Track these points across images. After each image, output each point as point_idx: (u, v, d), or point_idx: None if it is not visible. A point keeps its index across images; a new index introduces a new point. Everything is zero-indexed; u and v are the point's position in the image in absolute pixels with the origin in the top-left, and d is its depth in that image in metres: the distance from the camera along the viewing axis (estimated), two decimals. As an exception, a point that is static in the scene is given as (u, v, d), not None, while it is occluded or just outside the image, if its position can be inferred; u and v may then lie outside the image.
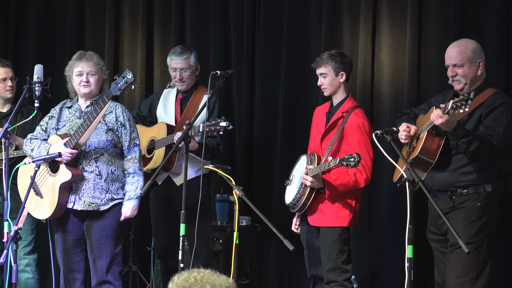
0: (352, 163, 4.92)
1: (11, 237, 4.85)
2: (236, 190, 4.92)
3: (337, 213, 5.30)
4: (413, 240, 4.46)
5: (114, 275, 5.35)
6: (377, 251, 6.22)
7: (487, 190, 4.85)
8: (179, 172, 5.94)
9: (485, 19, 5.85)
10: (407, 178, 4.52)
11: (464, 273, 4.81)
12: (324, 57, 5.41)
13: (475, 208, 4.84)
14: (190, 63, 5.99)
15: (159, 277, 6.48)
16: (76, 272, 5.42)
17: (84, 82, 5.35)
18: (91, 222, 5.34)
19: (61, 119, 5.44)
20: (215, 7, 6.88)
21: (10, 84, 6.27)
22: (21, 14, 7.62)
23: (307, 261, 5.50)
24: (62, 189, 5.26)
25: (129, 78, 5.10)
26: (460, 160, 4.87)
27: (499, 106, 4.83)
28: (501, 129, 4.78)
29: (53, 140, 5.33)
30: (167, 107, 6.10)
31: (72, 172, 5.24)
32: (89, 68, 5.35)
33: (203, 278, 2.69)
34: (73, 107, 5.45)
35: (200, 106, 5.91)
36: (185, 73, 5.99)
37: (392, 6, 6.13)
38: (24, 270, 6.28)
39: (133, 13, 7.27)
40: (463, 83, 4.91)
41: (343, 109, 5.39)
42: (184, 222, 5.05)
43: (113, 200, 5.34)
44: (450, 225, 4.44)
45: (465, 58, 4.90)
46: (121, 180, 5.37)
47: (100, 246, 5.33)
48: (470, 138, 4.71)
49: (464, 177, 4.87)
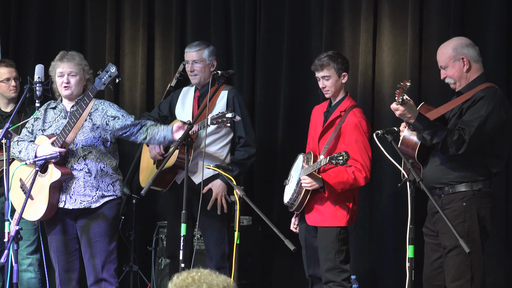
0: (341, 161, 4.93)
1: (12, 237, 4.86)
2: (237, 190, 4.92)
3: (335, 213, 5.31)
4: (414, 240, 4.45)
5: (110, 273, 5.35)
6: (378, 251, 6.22)
7: (474, 189, 4.77)
8: (195, 171, 5.80)
9: (486, 18, 5.86)
10: (408, 178, 4.52)
11: (458, 276, 4.75)
12: (325, 60, 5.39)
13: (461, 208, 4.77)
14: (202, 56, 5.91)
15: (160, 277, 6.48)
16: (71, 271, 5.42)
17: (65, 83, 5.31)
18: (84, 221, 5.33)
19: (46, 120, 5.41)
20: (216, 7, 6.89)
21: (13, 84, 6.28)
22: (22, 14, 7.63)
23: (306, 261, 5.51)
24: (52, 188, 5.24)
25: (113, 72, 5.05)
26: (445, 156, 4.79)
27: (479, 100, 4.75)
28: (476, 122, 4.68)
29: (41, 141, 5.31)
30: (185, 105, 6.02)
31: (61, 171, 5.21)
32: (69, 69, 5.31)
33: (200, 278, 2.69)
34: (58, 108, 5.42)
35: (217, 103, 5.85)
36: (197, 66, 5.89)
37: (393, 5, 6.13)
38: (26, 270, 6.29)
39: (134, 13, 7.28)
40: (452, 83, 4.91)
41: (341, 108, 5.40)
42: (185, 222, 5.05)
43: (104, 197, 5.32)
44: (450, 225, 4.41)
45: (446, 58, 4.88)
46: (111, 176, 5.36)
47: (94, 244, 5.32)
48: (434, 129, 4.67)
49: (449, 173, 4.80)
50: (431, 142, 4.71)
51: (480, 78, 4.88)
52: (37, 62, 5.73)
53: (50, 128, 5.37)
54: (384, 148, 4.70)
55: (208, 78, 5.90)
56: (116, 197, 5.38)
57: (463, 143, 4.67)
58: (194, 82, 5.96)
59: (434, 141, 4.69)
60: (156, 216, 6.90)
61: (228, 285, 2.69)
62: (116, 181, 5.39)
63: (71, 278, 5.42)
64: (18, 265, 5.00)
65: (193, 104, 5.97)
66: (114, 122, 5.32)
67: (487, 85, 4.84)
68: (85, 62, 5.41)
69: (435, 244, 4.92)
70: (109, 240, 5.34)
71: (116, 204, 5.39)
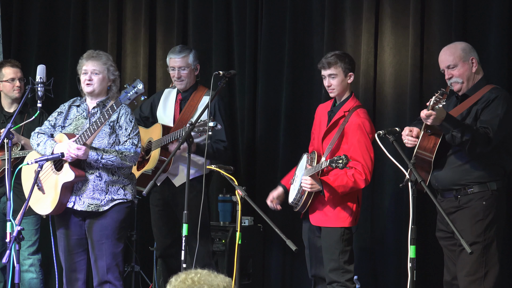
0: (340, 164, 4.93)
1: (14, 237, 4.86)
2: (238, 190, 4.92)
3: (339, 213, 5.30)
4: (416, 240, 4.46)
5: (115, 275, 5.35)
6: (380, 251, 6.22)
7: (492, 189, 4.87)
8: (176, 173, 5.97)
9: (487, 19, 5.85)
10: (410, 179, 4.53)
11: (473, 271, 4.85)
12: (332, 58, 5.39)
13: (481, 207, 4.85)
14: (188, 62, 6.00)
15: (161, 277, 6.48)
16: (78, 272, 5.42)
17: (87, 80, 5.37)
18: (92, 222, 5.34)
19: (68, 117, 5.45)
20: (218, 8, 6.88)
21: (18, 84, 6.30)
22: (23, 14, 7.63)
23: (309, 261, 5.50)
24: (64, 188, 5.26)
25: (140, 89, 5.05)
26: (462, 158, 4.88)
27: (493, 100, 4.84)
28: (496, 121, 4.78)
29: (59, 139, 5.34)
30: (167, 108, 6.11)
31: (75, 173, 5.24)
32: (93, 67, 5.37)
33: (200, 279, 2.68)
34: (81, 106, 5.46)
35: (198, 107, 5.94)
36: (183, 72, 6.00)
37: (394, 6, 6.13)
38: (28, 270, 6.29)
39: (135, 14, 7.28)
40: (460, 83, 4.94)
41: (345, 109, 5.39)
42: (187, 223, 5.05)
43: (113, 201, 5.33)
44: (453, 226, 4.45)
45: (457, 57, 4.95)
46: (122, 180, 5.36)
47: (101, 246, 5.33)
48: (463, 127, 4.72)
49: (467, 175, 4.88)
50: (461, 140, 4.74)
51: (483, 80, 4.98)
52: (38, 62, 5.72)
53: (70, 126, 5.41)
54: (386, 148, 4.70)
55: (192, 82, 6.06)
56: (126, 200, 5.37)
57: (489, 141, 4.76)
58: (180, 88, 6.08)
59: (464, 139, 4.72)
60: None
61: (227, 285, 2.68)
62: (128, 185, 5.38)
63: (77, 278, 5.42)
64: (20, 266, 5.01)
65: (175, 107, 6.07)
66: (118, 130, 5.34)
67: (491, 86, 4.94)
68: (111, 62, 5.44)
69: (452, 245, 4.97)
70: (116, 243, 5.34)
71: (125, 207, 5.37)
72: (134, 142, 5.35)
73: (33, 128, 6.07)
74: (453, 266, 5.00)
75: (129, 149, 5.30)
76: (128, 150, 5.30)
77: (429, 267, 5.82)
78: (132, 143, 5.33)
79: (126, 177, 5.38)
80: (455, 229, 4.42)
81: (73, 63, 7.32)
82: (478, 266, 4.84)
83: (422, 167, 4.89)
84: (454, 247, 4.95)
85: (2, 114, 6.34)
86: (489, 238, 4.85)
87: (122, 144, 5.32)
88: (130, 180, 5.42)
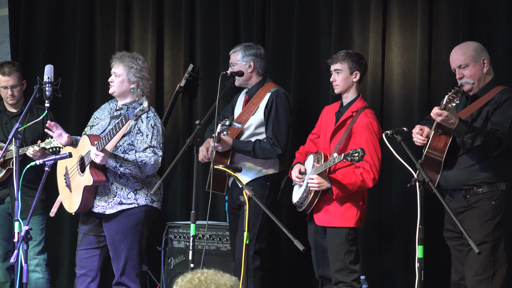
0: (356, 157, 4.92)
1: (21, 237, 4.86)
2: (246, 190, 4.91)
3: (344, 213, 5.30)
4: (424, 241, 4.46)
5: (131, 277, 5.37)
6: (388, 251, 6.21)
7: (501, 189, 4.87)
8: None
9: (495, 19, 5.83)
10: (418, 178, 4.52)
11: (481, 271, 4.85)
12: (341, 54, 5.46)
13: (490, 206, 4.86)
14: (237, 58, 5.94)
15: (169, 277, 6.48)
16: (88, 269, 5.43)
17: (110, 82, 5.45)
18: (106, 224, 5.38)
19: (100, 116, 5.56)
20: (225, 8, 6.88)
21: (10, 93, 6.27)
22: (31, 15, 7.64)
23: (315, 262, 5.50)
24: (86, 191, 5.30)
25: (144, 106, 4.92)
26: (472, 158, 4.88)
27: (505, 102, 4.85)
28: (508, 123, 4.79)
29: (82, 141, 5.38)
30: (236, 109, 6.07)
31: (94, 177, 5.23)
32: (114, 69, 5.43)
33: (207, 278, 2.68)
34: (111, 104, 5.57)
35: (260, 106, 5.85)
36: (234, 67, 5.93)
37: (402, 6, 6.12)
38: (34, 270, 6.29)
39: (143, 14, 7.28)
40: (471, 83, 4.93)
41: (353, 109, 5.40)
42: (194, 222, 5.04)
43: (121, 204, 5.32)
44: (461, 226, 4.45)
45: (468, 57, 4.94)
46: (132, 185, 5.34)
47: (115, 249, 5.36)
48: (475, 133, 4.71)
49: (477, 175, 4.88)
50: (472, 146, 4.74)
51: (493, 81, 4.99)
52: (46, 62, 5.72)
53: (97, 125, 5.49)
54: (394, 148, 4.70)
55: (249, 77, 5.94)
56: (137, 205, 5.35)
57: (499, 144, 4.78)
58: (237, 84, 5.96)
59: (475, 144, 4.73)
60: (165, 217, 6.90)
61: (233, 284, 2.68)
62: (141, 189, 5.35)
63: (87, 275, 5.45)
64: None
65: (242, 106, 6.01)
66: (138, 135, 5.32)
67: (502, 87, 4.94)
68: (135, 64, 5.40)
69: (460, 245, 4.97)
70: (129, 247, 5.34)
71: (137, 212, 5.34)
72: (156, 150, 5.30)
73: (38, 128, 6.09)
74: (461, 266, 4.99)
75: (149, 158, 5.26)
76: (149, 158, 5.25)
77: (437, 267, 5.81)
78: (153, 152, 5.29)
79: (138, 181, 5.35)
80: (463, 229, 4.43)
81: (81, 63, 7.36)
82: (486, 266, 4.85)
83: (431, 167, 4.89)
84: (462, 247, 4.94)
85: (5, 114, 6.36)
86: (498, 238, 4.86)
87: (142, 151, 5.28)
88: (144, 183, 5.37)
